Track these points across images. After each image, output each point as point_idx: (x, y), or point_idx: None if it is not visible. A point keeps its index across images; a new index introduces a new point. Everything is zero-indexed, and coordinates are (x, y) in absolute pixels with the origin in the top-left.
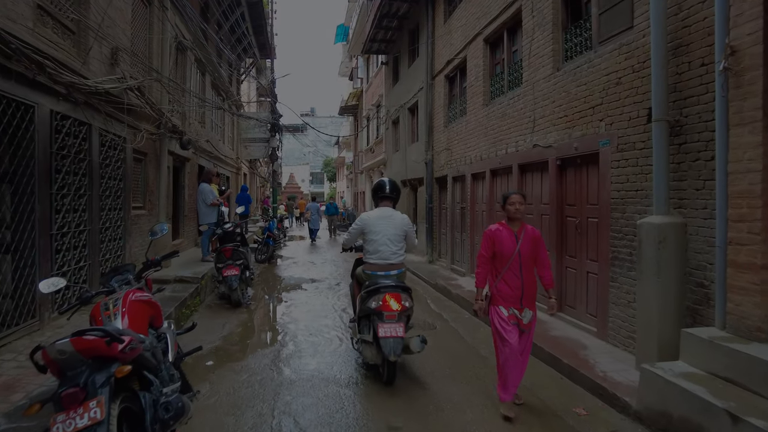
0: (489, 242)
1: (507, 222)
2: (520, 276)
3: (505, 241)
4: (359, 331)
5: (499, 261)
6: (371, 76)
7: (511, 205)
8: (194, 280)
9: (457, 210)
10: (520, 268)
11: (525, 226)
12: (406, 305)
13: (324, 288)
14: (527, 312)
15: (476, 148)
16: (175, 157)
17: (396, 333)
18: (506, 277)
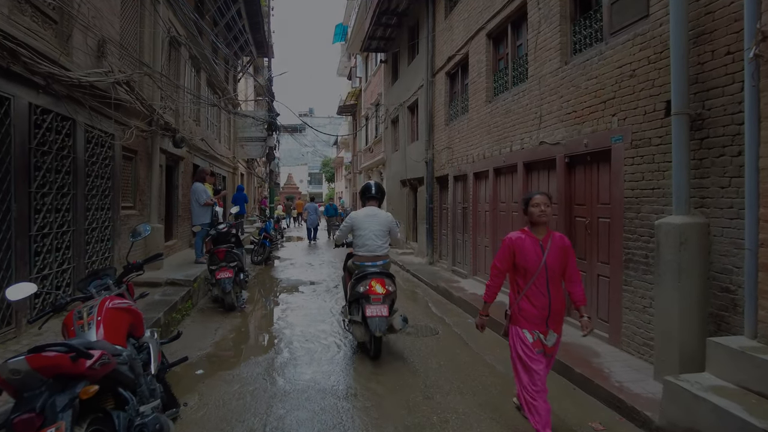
0: (508, 253)
1: (530, 228)
2: (547, 293)
3: (528, 251)
4: (349, 313)
5: (522, 275)
6: (370, 75)
7: (535, 206)
8: (186, 282)
9: (459, 210)
10: (546, 283)
11: (552, 233)
12: (389, 289)
13: (321, 291)
14: (552, 335)
15: (479, 147)
16: (168, 156)
17: (381, 313)
18: (530, 293)
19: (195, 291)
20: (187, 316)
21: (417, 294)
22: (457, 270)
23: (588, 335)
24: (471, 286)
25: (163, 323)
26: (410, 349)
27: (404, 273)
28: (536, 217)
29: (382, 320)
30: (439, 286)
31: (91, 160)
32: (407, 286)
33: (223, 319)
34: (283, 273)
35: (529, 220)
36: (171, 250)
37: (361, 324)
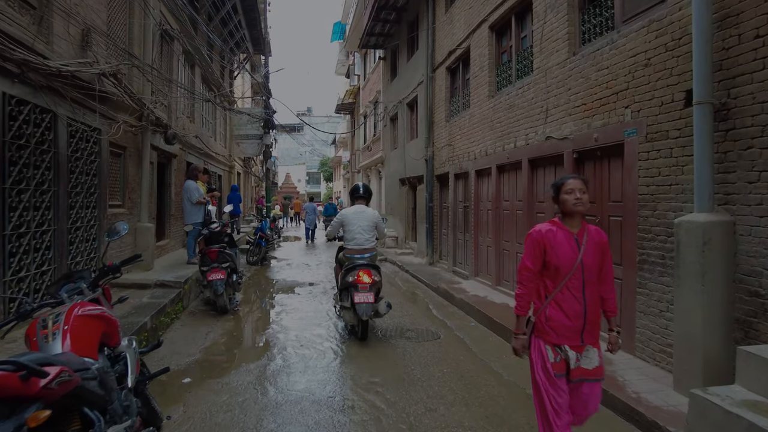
0: (538, 249)
1: (562, 220)
2: (582, 298)
3: (562, 247)
4: (340, 300)
5: (552, 276)
6: (368, 73)
7: (569, 193)
8: (176, 284)
9: (460, 209)
10: (582, 286)
11: (587, 226)
12: (375, 279)
13: (318, 292)
14: (591, 351)
15: (481, 143)
16: (159, 153)
17: (368, 300)
18: (561, 298)
19: (186, 293)
20: (177, 319)
21: (417, 296)
22: (458, 271)
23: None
24: (473, 288)
25: (150, 328)
26: (411, 356)
27: (403, 274)
28: (571, 205)
29: (368, 306)
30: (440, 288)
31: (75, 156)
32: (407, 288)
33: (214, 323)
34: (279, 273)
35: (561, 209)
36: (163, 250)
37: (351, 309)
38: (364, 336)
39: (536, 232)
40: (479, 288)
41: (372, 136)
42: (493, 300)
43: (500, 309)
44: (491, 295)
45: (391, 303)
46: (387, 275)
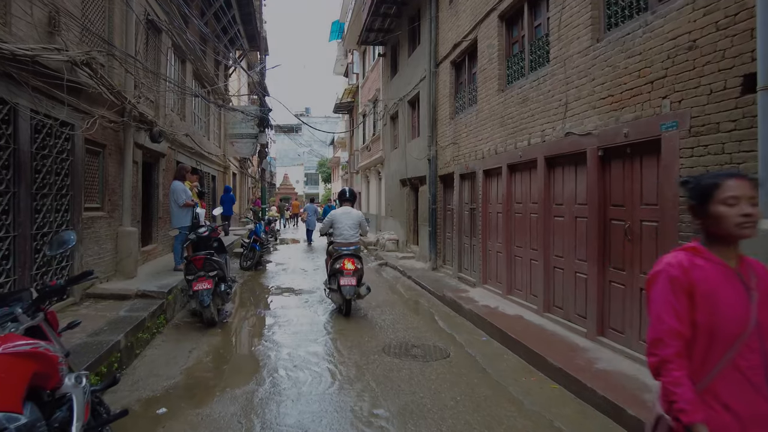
0: (683, 298)
1: (708, 246)
2: (766, 375)
3: (721, 294)
4: (329, 284)
5: (705, 343)
6: (367, 71)
7: (730, 204)
8: (159, 294)
9: (466, 212)
10: (764, 356)
11: (744, 258)
12: (357, 267)
13: (315, 301)
14: None
15: (490, 141)
16: (145, 152)
17: (351, 283)
18: (725, 386)
19: (170, 304)
20: (158, 333)
21: (421, 305)
22: (464, 277)
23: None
24: (482, 297)
25: (125, 347)
26: (418, 378)
27: (405, 280)
28: (734, 227)
29: (352, 288)
30: (446, 296)
31: (42, 153)
32: (410, 296)
33: (200, 338)
34: (273, 280)
35: (710, 229)
36: (150, 255)
37: (337, 291)
38: (347, 313)
39: (675, 267)
40: (488, 297)
41: (371, 135)
42: (505, 311)
43: (514, 322)
44: (503, 306)
45: (394, 313)
46: (388, 281)
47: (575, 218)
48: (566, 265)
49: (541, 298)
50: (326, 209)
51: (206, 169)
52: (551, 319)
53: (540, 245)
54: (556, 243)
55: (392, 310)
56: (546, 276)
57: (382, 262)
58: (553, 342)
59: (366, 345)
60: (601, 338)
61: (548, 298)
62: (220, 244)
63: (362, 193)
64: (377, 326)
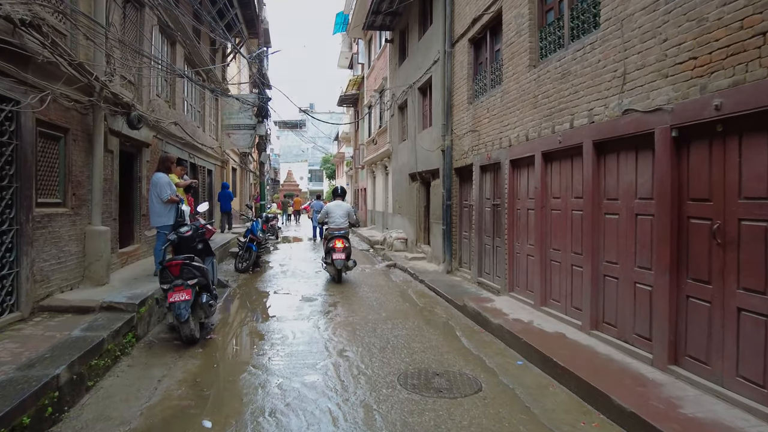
0: None
1: None
2: None
3: None
4: (325, 260)
5: None
6: (373, 60)
7: None
8: (128, 307)
9: (487, 208)
10: None
11: None
12: (345, 245)
13: (317, 311)
14: None
15: (519, 125)
16: (124, 140)
17: (341, 257)
18: None
19: (143, 318)
20: (124, 356)
21: (437, 316)
22: (485, 283)
23: None
24: (510, 308)
25: (67, 383)
26: (446, 424)
27: (417, 284)
28: None
29: (341, 260)
30: (468, 307)
31: None
32: (424, 304)
33: (175, 360)
34: (270, 284)
35: None
36: (131, 257)
37: (331, 264)
38: (339, 280)
39: None
40: (518, 308)
41: (377, 128)
42: (542, 327)
43: (556, 342)
44: (538, 320)
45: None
46: (398, 286)
47: (635, 216)
48: (622, 274)
49: (586, 312)
50: None
51: (201, 162)
52: (601, 339)
53: (586, 249)
54: (608, 246)
55: (405, 323)
56: (594, 286)
57: (390, 263)
58: (612, 371)
59: (377, 373)
60: (675, 368)
61: (596, 312)
62: (206, 246)
63: (367, 189)
64: (389, 345)
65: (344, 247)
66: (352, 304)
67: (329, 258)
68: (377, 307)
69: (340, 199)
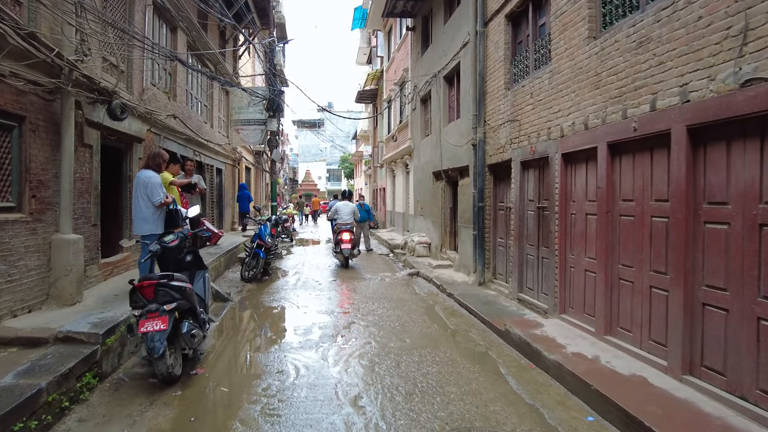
0: None
1: None
2: None
3: None
4: (334, 250)
5: None
6: (393, 51)
7: None
8: (91, 338)
9: (530, 212)
10: None
11: None
12: (352, 237)
13: (328, 335)
14: None
15: (574, 111)
16: (108, 133)
17: (348, 247)
18: None
19: (110, 350)
20: (77, 405)
21: (474, 343)
22: (527, 300)
23: None
24: (565, 336)
25: None
26: None
27: (445, 298)
28: None
29: (348, 249)
30: (511, 333)
31: None
32: (455, 325)
33: (142, 411)
34: (279, 296)
35: None
36: (117, 268)
37: (340, 253)
38: (346, 266)
39: None
40: (575, 336)
41: (397, 123)
42: (613, 367)
43: (639, 392)
44: (605, 355)
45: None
46: (422, 300)
47: (759, 228)
48: (733, 305)
49: (676, 350)
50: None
51: (208, 160)
52: (702, 390)
53: (674, 267)
54: (710, 267)
55: (435, 355)
56: (687, 317)
57: (412, 271)
58: None
59: None
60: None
61: (691, 352)
62: (196, 259)
63: (387, 189)
64: (417, 388)
65: (350, 239)
66: (369, 326)
67: (338, 248)
68: (400, 329)
69: (346, 200)
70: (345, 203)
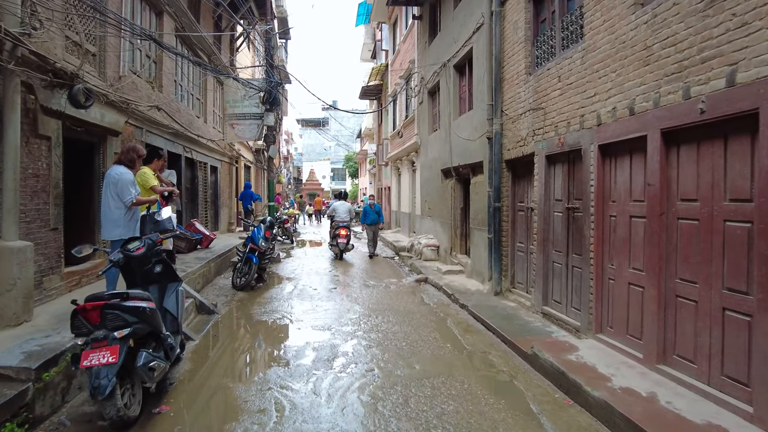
0: None
1: None
2: None
3: None
4: (331, 243)
5: None
6: (398, 43)
7: None
8: (21, 373)
9: (557, 213)
10: None
11: None
12: (347, 233)
13: (322, 360)
14: None
15: (616, 94)
16: (73, 123)
17: (344, 241)
18: None
19: (49, 388)
20: None
21: (496, 369)
22: (554, 314)
23: None
24: (607, 362)
25: None
26: None
27: (458, 310)
28: None
29: (344, 243)
30: (540, 358)
31: None
32: (472, 345)
33: None
34: (271, 308)
35: None
36: (85, 277)
37: (336, 246)
38: (341, 258)
39: None
40: (619, 364)
41: (403, 119)
42: (678, 411)
43: None
44: (663, 393)
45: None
46: (432, 312)
47: None
48: None
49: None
50: (367, 212)
51: (201, 157)
52: None
53: (764, 287)
54: None
55: (451, 386)
56: None
57: (420, 277)
58: None
59: None
60: None
61: None
62: (166, 269)
63: (392, 188)
64: None
65: (346, 234)
66: (372, 346)
67: (335, 241)
68: (408, 351)
69: (342, 200)
70: (341, 203)
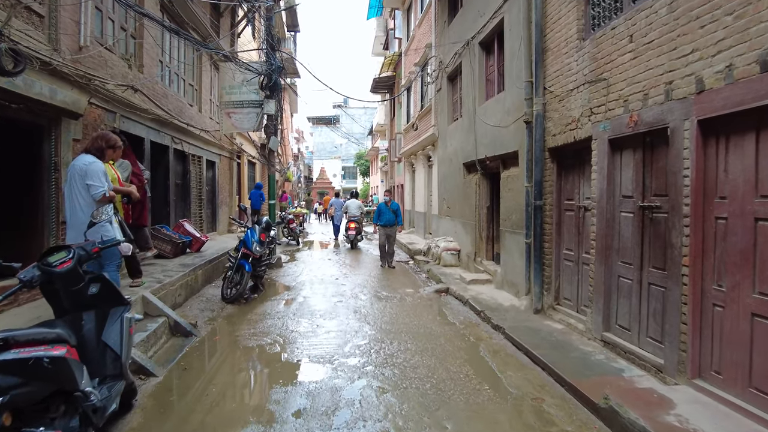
0: None
1: None
2: None
3: None
4: (345, 234)
5: None
6: (413, 29)
7: None
8: None
9: (626, 213)
10: None
11: None
12: (356, 226)
13: (318, 413)
14: None
15: (733, 44)
16: (7, 99)
17: (353, 233)
18: None
19: None
20: None
21: (555, 427)
22: (619, 343)
23: None
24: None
25: None
26: None
27: (491, 333)
28: None
29: (353, 235)
30: (622, 417)
31: None
32: (517, 389)
33: None
34: (262, 331)
35: None
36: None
37: (346, 237)
38: (354, 246)
39: None
40: None
41: (418, 110)
42: None
43: None
44: None
45: None
46: (460, 335)
47: None
48: None
49: None
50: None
51: (195, 150)
52: None
53: None
54: None
55: None
56: None
57: (440, 287)
58: None
59: None
60: None
61: None
62: (106, 291)
63: (405, 185)
64: None
65: (355, 227)
66: (386, 390)
67: (347, 233)
68: (434, 398)
69: (353, 198)
70: (353, 201)
